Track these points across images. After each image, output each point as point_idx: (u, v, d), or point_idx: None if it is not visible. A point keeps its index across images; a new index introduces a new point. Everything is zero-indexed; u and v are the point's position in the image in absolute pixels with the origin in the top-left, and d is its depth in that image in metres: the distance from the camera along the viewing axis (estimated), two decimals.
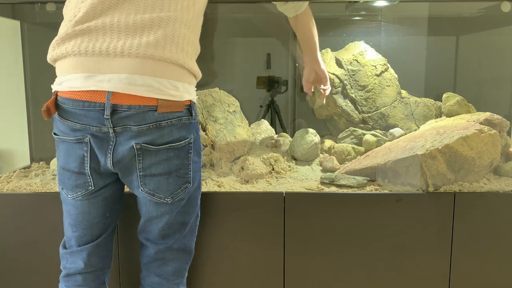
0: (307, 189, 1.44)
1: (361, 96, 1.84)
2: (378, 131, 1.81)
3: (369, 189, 1.43)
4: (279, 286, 1.40)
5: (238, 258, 1.40)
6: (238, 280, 1.40)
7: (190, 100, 1.12)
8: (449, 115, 1.71)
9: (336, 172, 1.57)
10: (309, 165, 1.67)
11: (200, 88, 1.68)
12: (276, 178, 1.55)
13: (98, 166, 1.11)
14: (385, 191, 1.42)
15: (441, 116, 1.79)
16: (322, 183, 1.48)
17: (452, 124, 1.54)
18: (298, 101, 2.01)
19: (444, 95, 1.75)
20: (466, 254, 1.39)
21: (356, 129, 1.80)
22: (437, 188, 1.39)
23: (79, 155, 1.09)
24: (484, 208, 1.37)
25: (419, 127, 1.78)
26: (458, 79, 2.04)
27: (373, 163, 1.49)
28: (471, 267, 1.40)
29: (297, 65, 1.97)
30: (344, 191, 1.43)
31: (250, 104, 2.02)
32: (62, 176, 1.14)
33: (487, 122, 1.49)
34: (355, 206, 1.37)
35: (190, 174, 1.14)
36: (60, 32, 1.08)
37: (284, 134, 1.87)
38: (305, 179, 1.54)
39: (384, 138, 1.75)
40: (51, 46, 1.09)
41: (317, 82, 1.67)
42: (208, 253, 1.39)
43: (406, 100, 1.86)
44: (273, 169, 1.58)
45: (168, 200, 1.13)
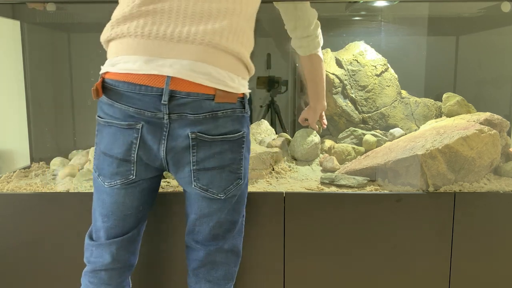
0: (307, 189, 1.44)
1: (361, 96, 1.84)
2: (378, 131, 1.81)
3: (369, 189, 1.43)
4: (279, 286, 1.40)
5: None
6: (238, 280, 1.40)
7: (243, 93, 1.10)
8: (449, 115, 1.71)
9: (336, 172, 1.57)
10: (309, 165, 1.67)
11: None
12: (276, 178, 1.55)
13: (145, 156, 1.07)
14: (385, 191, 1.42)
15: (441, 116, 1.79)
16: (322, 183, 1.48)
17: (452, 124, 1.54)
18: (298, 101, 2.01)
19: (444, 95, 1.75)
20: (466, 254, 1.39)
21: (356, 129, 1.80)
22: (437, 188, 1.39)
23: (128, 141, 1.05)
24: (484, 208, 1.37)
25: (419, 127, 1.78)
26: (458, 79, 2.04)
27: (373, 163, 1.49)
28: (471, 267, 1.40)
29: (297, 65, 1.97)
30: (344, 191, 1.43)
31: (250, 104, 2.02)
32: (101, 162, 1.09)
33: (487, 122, 1.49)
34: (355, 206, 1.37)
35: (242, 170, 1.11)
36: (120, 12, 1.04)
37: (284, 134, 1.87)
38: (305, 179, 1.54)
39: (384, 138, 1.75)
40: (109, 25, 1.05)
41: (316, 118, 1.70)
42: None
43: (406, 100, 1.86)
44: (273, 169, 1.58)
45: (221, 195, 1.09)
